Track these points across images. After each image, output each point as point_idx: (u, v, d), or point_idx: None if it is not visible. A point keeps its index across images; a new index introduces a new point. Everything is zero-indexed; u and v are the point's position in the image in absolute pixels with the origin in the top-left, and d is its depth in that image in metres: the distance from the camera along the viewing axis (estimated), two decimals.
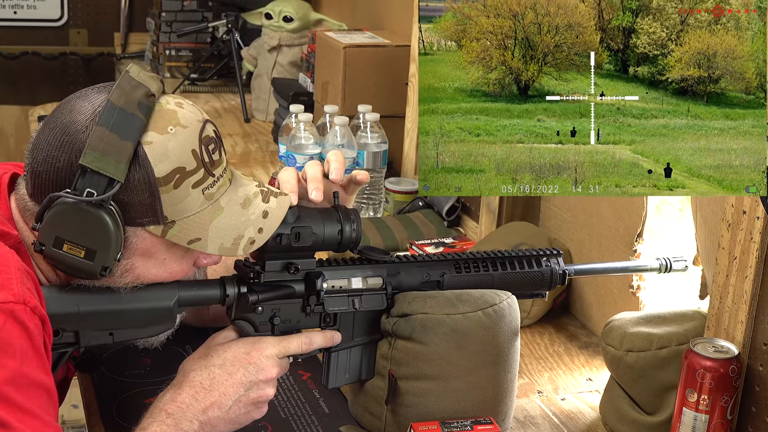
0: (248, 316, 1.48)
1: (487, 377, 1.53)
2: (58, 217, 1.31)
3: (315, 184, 1.49)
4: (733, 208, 1.45)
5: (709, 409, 1.44)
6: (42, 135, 1.35)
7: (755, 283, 1.44)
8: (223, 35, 3.80)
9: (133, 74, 1.36)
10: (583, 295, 2.08)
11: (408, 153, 2.74)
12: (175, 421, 1.36)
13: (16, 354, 1.21)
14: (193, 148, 1.35)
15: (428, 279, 1.56)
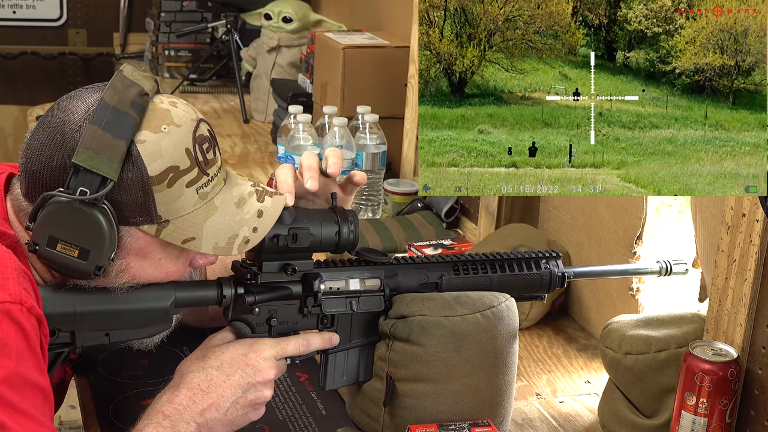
0: (245, 317, 1.47)
1: (485, 379, 1.53)
2: (52, 216, 1.30)
3: (310, 173, 1.49)
4: (732, 210, 1.44)
5: (708, 412, 1.43)
6: (36, 134, 1.35)
7: (754, 286, 1.43)
8: (222, 36, 3.80)
9: (126, 73, 1.36)
10: (582, 298, 2.08)
11: (407, 154, 2.74)
12: (172, 423, 1.36)
13: (12, 354, 1.21)
14: (186, 147, 1.35)
15: (426, 281, 1.56)
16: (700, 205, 1.64)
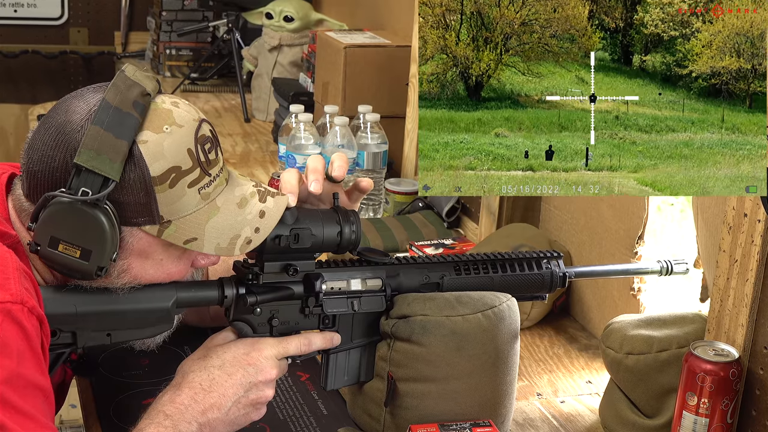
0: (247, 318, 1.47)
1: (486, 379, 1.52)
2: (54, 216, 1.30)
3: (315, 175, 1.49)
4: (734, 210, 1.44)
5: (709, 412, 1.43)
6: (38, 134, 1.35)
7: (756, 287, 1.43)
8: (223, 35, 3.80)
9: (128, 73, 1.36)
10: (583, 298, 2.08)
11: (408, 154, 2.74)
12: (173, 423, 1.36)
13: (13, 354, 1.21)
14: (188, 147, 1.35)
15: (428, 281, 1.56)
16: (702, 205, 1.64)
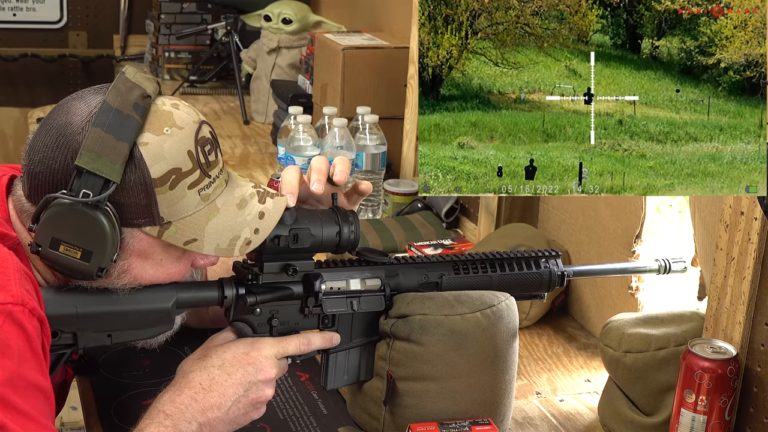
0: (246, 318, 1.48)
1: (485, 378, 1.53)
2: (55, 218, 1.31)
3: (318, 176, 1.50)
4: (731, 209, 1.45)
5: (707, 409, 1.44)
6: (38, 136, 1.36)
7: (753, 285, 1.44)
8: (222, 37, 3.81)
9: (129, 75, 1.36)
10: (582, 297, 2.08)
11: (407, 155, 2.74)
12: (173, 423, 1.36)
13: (14, 355, 1.21)
14: (188, 149, 1.35)
15: (427, 280, 1.56)
16: (699, 204, 1.65)
